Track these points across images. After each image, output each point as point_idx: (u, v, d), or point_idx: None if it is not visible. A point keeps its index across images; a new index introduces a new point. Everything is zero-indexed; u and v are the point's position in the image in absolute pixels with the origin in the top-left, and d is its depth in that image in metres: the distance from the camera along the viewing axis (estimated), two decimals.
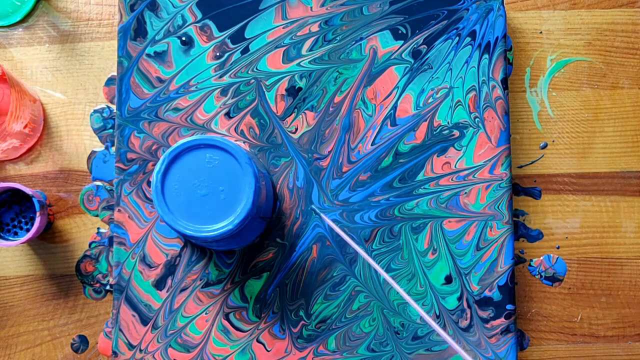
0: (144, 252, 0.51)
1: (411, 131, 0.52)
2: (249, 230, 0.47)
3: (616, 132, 0.56)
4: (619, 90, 0.56)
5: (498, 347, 0.50)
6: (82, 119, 0.56)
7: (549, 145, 0.56)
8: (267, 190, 0.47)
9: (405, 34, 0.52)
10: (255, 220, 0.46)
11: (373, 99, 0.52)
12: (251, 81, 0.52)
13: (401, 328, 0.51)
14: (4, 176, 0.56)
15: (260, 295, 0.51)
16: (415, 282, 0.51)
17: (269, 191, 0.49)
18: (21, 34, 0.57)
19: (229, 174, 0.44)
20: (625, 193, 0.56)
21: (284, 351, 0.50)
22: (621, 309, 0.55)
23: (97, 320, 0.55)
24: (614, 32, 0.57)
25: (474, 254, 0.51)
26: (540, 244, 0.55)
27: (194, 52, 0.52)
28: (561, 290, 0.55)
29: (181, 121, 0.52)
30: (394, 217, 0.51)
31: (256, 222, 0.47)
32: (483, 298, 0.51)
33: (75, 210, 0.56)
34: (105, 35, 0.57)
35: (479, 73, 0.52)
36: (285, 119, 0.52)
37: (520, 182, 0.56)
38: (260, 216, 0.47)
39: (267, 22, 0.53)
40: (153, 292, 0.51)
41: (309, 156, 0.52)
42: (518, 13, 0.57)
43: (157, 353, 0.50)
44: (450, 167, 0.52)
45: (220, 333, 0.51)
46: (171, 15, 0.53)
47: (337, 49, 0.52)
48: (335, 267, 0.51)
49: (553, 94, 0.56)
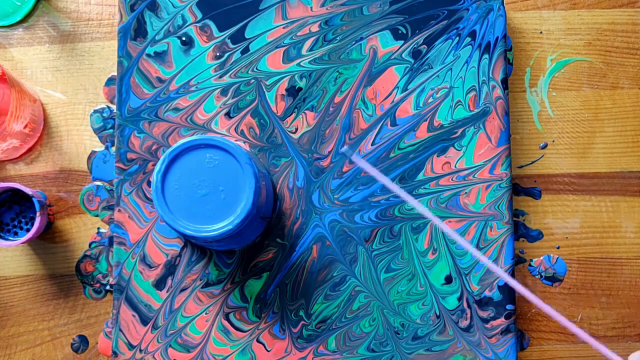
0: (144, 252, 0.51)
1: (411, 131, 0.52)
2: (249, 230, 0.47)
3: (616, 132, 0.56)
4: (619, 90, 0.56)
5: (498, 347, 0.50)
6: (82, 119, 0.56)
7: (549, 145, 0.56)
8: (267, 190, 0.47)
9: (405, 34, 0.52)
10: (255, 220, 0.46)
11: (373, 99, 0.52)
12: (251, 81, 0.52)
13: (401, 328, 0.50)
14: (4, 176, 0.56)
15: (260, 295, 0.51)
16: (415, 282, 0.51)
17: (269, 191, 0.49)
18: (21, 34, 0.57)
19: (229, 174, 0.44)
20: (625, 193, 0.56)
21: (284, 351, 0.50)
22: (621, 309, 0.55)
23: (97, 320, 0.55)
24: (614, 32, 0.57)
25: (474, 254, 0.51)
26: (540, 244, 0.55)
27: (194, 52, 0.52)
28: (561, 290, 0.55)
29: (181, 121, 0.52)
30: (394, 217, 0.51)
31: (256, 222, 0.47)
32: (483, 298, 0.51)
33: (76, 210, 0.56)
34: (105, 35, 0.57)
35: (479, 73, 0.52)
36: (285, 119, 0.52)
37: (520, 182, 0.56)
38: (260, 216, 0.47)
39: (267, 22, 0.53)
40: (153, 292, 0.51)
41: (309, 156, 0.52)
42: (518, 13, 0.57)
43: (157, 353, 0.50)
44: (450, 167, 0.52)
45: (220, 333, 0.51)
46: (171, 15, 0.53)
47: (337, 49, 0.52)
48: (335, 267, 0.51)
49: (553, 94, 0.56)
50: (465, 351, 0.50)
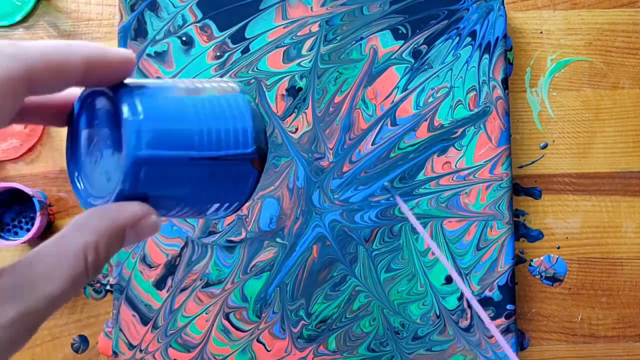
0: (144, 252, 0.51)
1: (411, 131, 0.52)
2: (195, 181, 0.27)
3: (617, 132, 0.56)
4: (620, 90, 0.56)
5: (498, 347, 0.50)
6: None
7: (549, 145, 0.56)
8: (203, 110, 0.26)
9: (405, 34, 0.52)
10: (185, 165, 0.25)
11: (373, 99, 0.52)
12: (251, 81, 0.52)
13: (401, 328, 0.50)
14: (4, 176, 0.56)
15: (260, 295, 0.51)
16: (415, 282, 0.51)
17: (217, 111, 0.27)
18: (21, 34, 0.57)
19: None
20: (625, 193, 0.56)
21: (284, 351, 0.50)
22: (621, 309, 0.55)
23: (97, 320, 0.55)
24: (614, 32, 0.57)
25: (474, 254, 0.51)
26: (540, 244, 0.55)
27: (194, 52, 0.52)
28: (561, 290, 0.55)
29: None
30: (394, 217, 0.51)
31: (198, 168, 0.26)
32: (483, 298, 0.51)
33: (76, 210, 0.55)
34: (105, 35, 0.57)
35: (479, 73, 0.52)
36: (285, 118, 0.52)
37: (521, 182, 0.56)
38: (209, 156, 0.26)
39: (267, 22, 0.53)
40: (153, 292, 0.51)
41: (309, 156, 0.52)
42: (518, 13, 0.57)
43: (158, 353, 0.50)
44: (451, 166, 0.52)
45: (220, 333, 0.51)
46: (171, 15, 0.53)
47: (338, 48, 0.52)
48: (336, 267, 0.51)
49: (553, 94, 0.56)
50: (465, 351, 0.50)
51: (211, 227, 0.51)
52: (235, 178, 0.27)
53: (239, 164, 0.27)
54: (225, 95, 0.27)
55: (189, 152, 0.25)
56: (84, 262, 0.22)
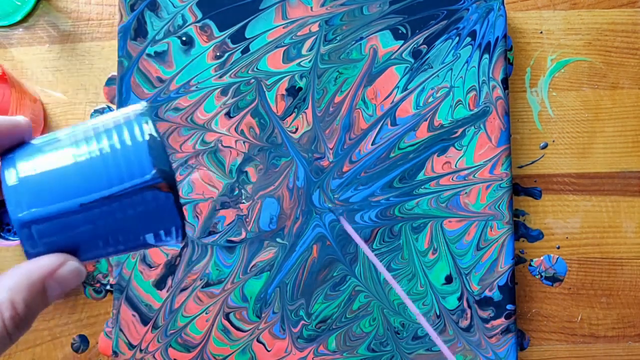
0: (144, 252, 0.51)
1: (411, 131, 0.52)
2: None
3: (616, 132, 0.56)
4: (619, 90, 0.56)
5: (498, 347, 0.50)
6: (82, 118, 0.56)
7: (549, 145, 0.56)
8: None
9: (405, 34, 0.52)
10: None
11: (373, 99, 0.52)
12: (251, 81, 0.52)
13: (401, 328, 0.50)
14: None
15: (260, 295, 0.51)
16: (415, 282, 0.51)
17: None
18: (21, 34, 0.57)
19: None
20: (625, 193, 0.56)
21: (284, 351, 0.50)
22: (621, 309, 0.55)
23: (97, 320, 0.55)
24: (614, 32, 0.57)
25: (474, 254, 0.51)
26: (540, 244, 0.55)
27: (194, 52, 0.52)
28: (561, 290, 0.55)
29: (181, 121, 0.52)
30: (394, 217, 0.51)
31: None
32: (483, 298, 0.51)
33: None
34: (105, 35, 0.57)
35: (479, 73, 0.52)
36: (285, 118, 0.52)
37: (521, 182, 0.56)
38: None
39: (267, 22, 0.53)
40: (153, 292, 0.51)
41: (309, 156, 0.52)
42: (518, 13, 0.57)
43: (158, 353, 0.50)
44: (451, 166, 0.52)
45: (220, 333, 0.51)
46: (171, 15, 0.53)
47: (338, 48, 0.52)
48: (336, 267, 0.51)
49: (553, 94, 0.56)
50: (465, 351, 0.50)
51: (211, 227, 0.51)
52: (149, 207, 0.26)
53: (144, 192, 0.25)
54: (117, 126, 0.27)
55: (77, 199, 0.25)
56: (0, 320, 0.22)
